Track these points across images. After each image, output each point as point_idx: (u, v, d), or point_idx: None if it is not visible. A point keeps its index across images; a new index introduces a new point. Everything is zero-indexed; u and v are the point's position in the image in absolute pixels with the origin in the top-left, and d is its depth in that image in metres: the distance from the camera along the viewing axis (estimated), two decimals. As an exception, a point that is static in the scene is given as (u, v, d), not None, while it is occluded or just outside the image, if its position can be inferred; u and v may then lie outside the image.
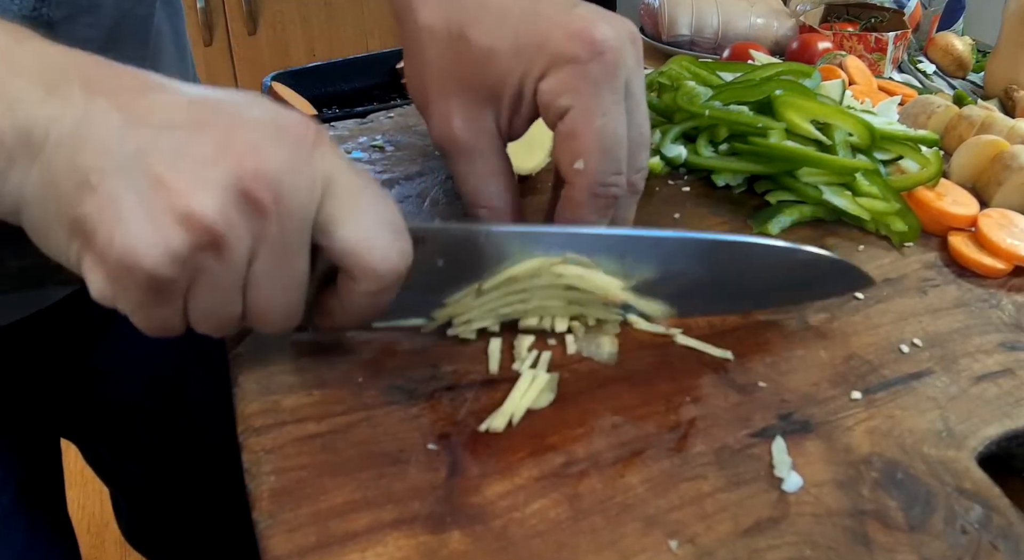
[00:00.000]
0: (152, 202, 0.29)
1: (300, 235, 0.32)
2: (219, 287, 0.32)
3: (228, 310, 0.33)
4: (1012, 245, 0.53)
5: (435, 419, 0.40)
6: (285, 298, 0.34)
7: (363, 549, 0.34)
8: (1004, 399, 0.43)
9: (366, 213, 0.34)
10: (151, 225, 0.29)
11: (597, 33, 0.39)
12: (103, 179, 0.29)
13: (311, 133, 0.32)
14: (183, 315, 0.33)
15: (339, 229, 0.33)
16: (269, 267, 0.32)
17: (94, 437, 0.73)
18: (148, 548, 0.88)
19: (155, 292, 0.31)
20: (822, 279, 0.46)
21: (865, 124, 0.59)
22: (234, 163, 0.30)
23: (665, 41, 1.05)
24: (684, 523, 0.35)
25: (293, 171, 0.31)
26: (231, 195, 0.30)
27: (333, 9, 1.86)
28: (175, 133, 0.30)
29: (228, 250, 0.30)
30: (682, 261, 0.44)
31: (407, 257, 0.35)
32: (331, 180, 0.33)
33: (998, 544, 0.35)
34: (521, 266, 0.41)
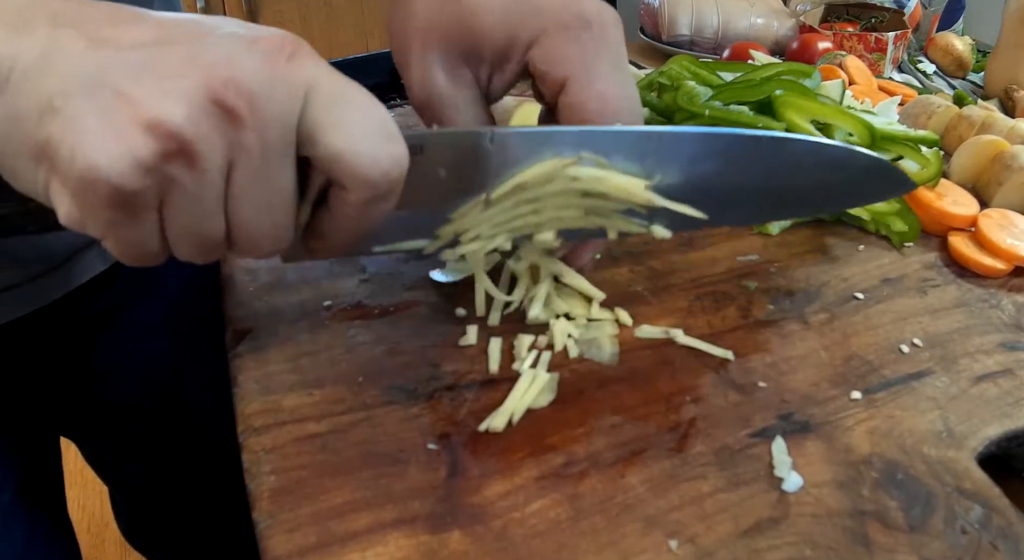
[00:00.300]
0: (115, 115, 0.28)
1: (281, 145, 0.31)
2: (196, 201, 0.30)
3: (209, 228, 0.32)
4: (1012, 245, 0.53)
5: (435, 419, 0.40)
6: (270, 215, 0.32)
7: (363, 549, 0.34)
8: (1004, 399, 0.43)
9: (353, 117, 0.32)
10: (114, 136, 0.28)
11: (585, 7, 0.40)
12: (66, 101, 0.28)
13: (288, 43, 0.31)
14: (160, 237, 0.32)
15: (324, 135, 0.31)
16: (250, 180, 0.31)
17: (93, 436, 0.73)
18: (148, 547, 0.88)
19: (123, 208, 0.29)
20: (858, 180, 0.43)
21: (865, 124, 0.59)
22: (203, 73, 0.28)
23: (665, 41, 1.05)
24: (684, 523, 0.35)
25: (269, 78, 0.29)
26: (200, 103, 0.28)
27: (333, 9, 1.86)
28: (141, 51, 0.29)
29: (200, 159, 0.29)
30: (709, 160, 0.40)
31: (401, 161, 0.33)
32: (313, 86, 0.31)
33: (998, 544, 0.35)
34: (532, 170, 0.38)
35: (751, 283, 0.51)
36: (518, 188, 0.38)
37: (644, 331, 0.46)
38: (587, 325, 0.46)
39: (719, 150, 0.40)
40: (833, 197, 0.43)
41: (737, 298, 0.49)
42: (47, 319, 0.58)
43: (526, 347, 0.44)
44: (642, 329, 0.46)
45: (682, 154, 0.40)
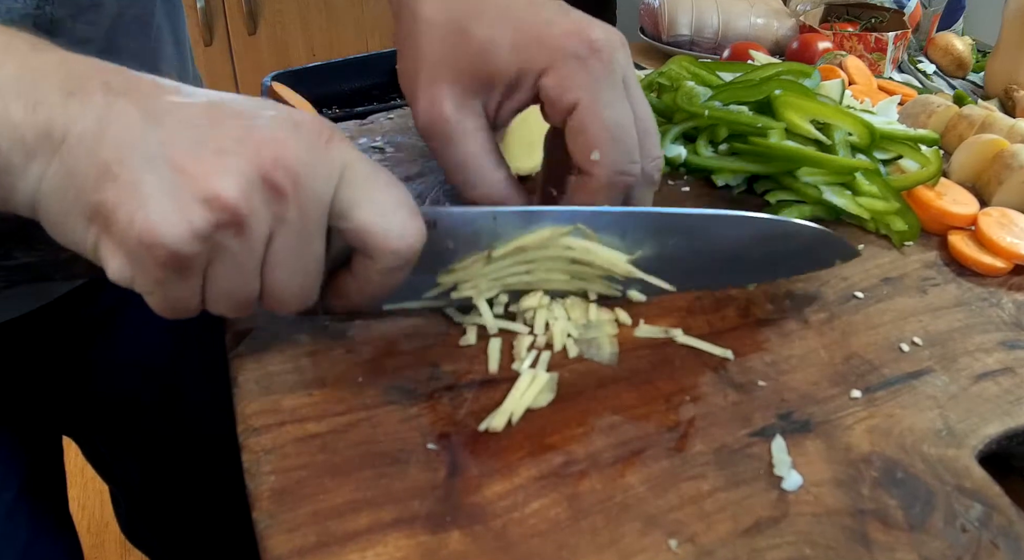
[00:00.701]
0: (174, 186, 0.31)
1: (318, 219, 0.34)
2: (239, 267, 0.34)
3: (246, 290, 0.35)
4: (1012, 244, 0.53)
5: (435, 419, 0.40)
6: (302, 278, 0.36)
7: (363, 549, 0.34)
8: (1004, 398, 0.43)
9: (382, 196, 0.36)
10: (173, 205, 0.30)
11: (593, 34, 0.42)
12: (124, 168, 0.30)
13: (326, 129, 0.35)
14: (200, 295, 0.35)
15: (358, 211, 0.35)
16: (288, 249, 0.34)
17: (94, 434, 0.74)
18: (147, 545, 0.88)
19: (175, 270, 0.32)
20: (807, 248, 0.48)
21: (865, 124, 0.59)
22: (254, 152, 0.32)
23: (665, 41, 1.05)
24: (684, 522, 0.35)
25: (311, 160, 0.33)
26: (252, 180, 0.31)
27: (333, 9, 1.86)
28: (195, 128, 0.32)
29: (248, 230, 0.32)
30: (677, 235, 0.45)
31: (423, 235, 0.37)
32: (347, 168, 0.35)
33: (998, 543, 0.35)
34: (532, 236, 0.43)
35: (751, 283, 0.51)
36: (518, 249, 0.43)
37: (643, 331, 0.46)
38: (586, 325, 0.46)
39: (686, 227, 0.46)
40: (785, 265, 0.49)
41: (737, 298, 0.49)
42: (49, 317, 0.58)
43: (526, 347, 0.44)
44: (641, 329, 0.46)
45: (656, 231, 0.45)
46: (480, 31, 0.42)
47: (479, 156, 0.44)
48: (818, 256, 0.48)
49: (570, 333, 0.45)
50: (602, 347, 0.45)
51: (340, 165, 0.35)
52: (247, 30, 1.79)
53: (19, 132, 0.30)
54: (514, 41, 0.42)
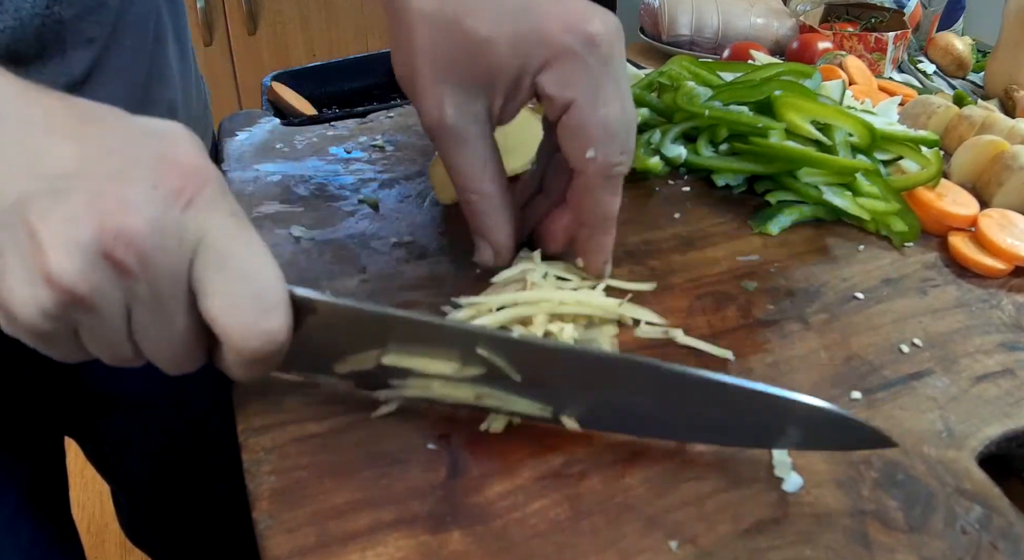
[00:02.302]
0: (27, 258, 0.29)
1: (173, 294, 0.32)
2: (102, 336, 0.32)
3: (121, 353, 0.34)
4: (1012, 245, 0.53)
5: (435, 419, 0.40)
6: (171, 348, 0.34)
7: (363, 549, 0.34)
8: (1004, 399, 0.43)
9: (230, 284, 0.32)
10: (26, 281, 0.29)
11: (591, 27, 0.41)
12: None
13: (191, 186, 0.31)
14: (83, 351, 0.34)
15: (204, 297, 0.32)
16: (147, 321, 0.32)
17: (95, 433, 0.74)
18: (149, 545, 0.88)
19: (41, 338, 0.32)
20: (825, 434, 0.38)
21: (865, 124, 0.59)
22: (98, 223, 0.29)
23: (665, 41, 1.05)
24: (684, 523, 0.35)
25: (159, 232, 0.30)
26: (92, 256, 0.29)
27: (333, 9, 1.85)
28: (55, 183, 0.30)
29: (96, 308, 0.30)
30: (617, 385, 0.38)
31: (273, 336, 0.33)
32: (202, 241, 0.31)
33: (998, 544, 0.35)
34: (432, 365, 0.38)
35: (751, 283, 0.51)
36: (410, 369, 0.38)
37: (644, 331, 0.46)
38: (587, 325, 0.46)
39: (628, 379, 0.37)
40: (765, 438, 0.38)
41: (737, 298, 0.49)
42: None
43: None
44: (642, 329, 0.46)
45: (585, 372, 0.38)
46: (478, 28, 0.41)
47: (478, 163, 0.44)
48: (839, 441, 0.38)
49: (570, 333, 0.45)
50: (602, 347, 0.45)
51: (195, 237, 0.31)
52: (247, 30, 1.79)
53: None
54: (513, 38, 0.41)
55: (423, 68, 0.42)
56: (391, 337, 0.37)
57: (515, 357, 0.37)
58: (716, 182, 0.61)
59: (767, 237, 0.56)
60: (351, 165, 0.63)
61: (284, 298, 0.33)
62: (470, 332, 0.37)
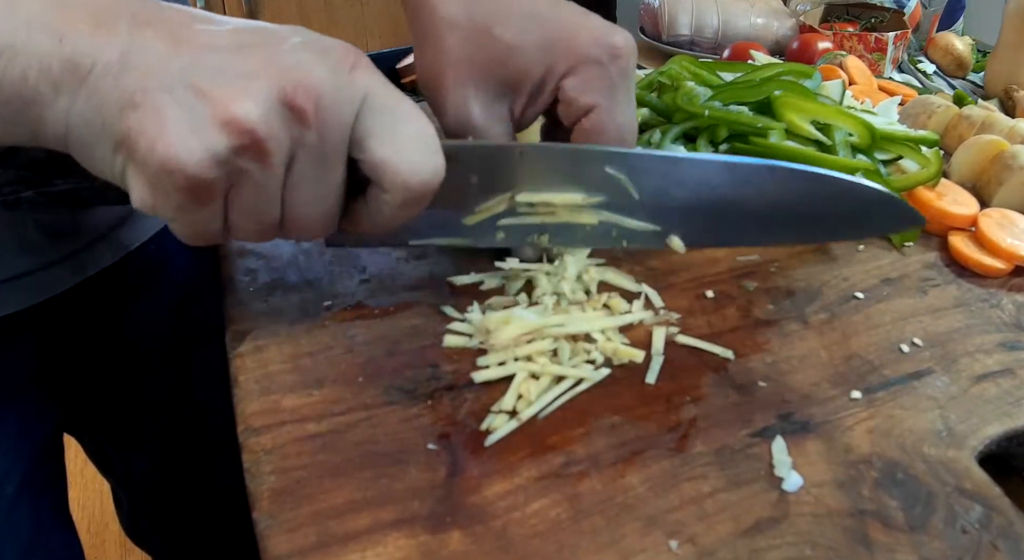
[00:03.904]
0: (195, 111, 0.31)
1: (338, 145, 0.34)
2: (260, 191, 0.34)
3: (268, 215, 0.35)
4: (1012, 245, 0.53)
5: (435, 419, 0.40)
6: (322, 204, 0.36)
7: (363, 549, 0.34)
8: (1004, 399, 0.43)
9: (400, 129, 0.35)
10: (193, 130, 0.31)
11: (615, 40, 0.43)
12: (147, 96, 0.31)
13: (351, 55, 0.34)
14: (222, 220, 0.35)
15: (374, 143, 0.35)
16: (308, 173, 0.34)
17: (96, 431, 0.74)
18: (149, 544, 0.88)
19: (195, 195, 0.32)
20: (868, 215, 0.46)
21: (865, 124, 0.59)
22: (277, 76, 0.32)
23: (665, 41, 1.05)
24: (684, 523, 0.35)
25: (334, 86, 0.33)
26: (273, 103, 0.32)
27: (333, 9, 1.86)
28: (219, 54, 0.32)
29: (269, 154, 0.32)
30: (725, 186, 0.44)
31: (439, 173, 0.36)
32: (369, 97, 0.35)
33: (998, 544, 0.35)
34: (560, 196, 0.43)
35: (751, 283, 0.51)
36: (542, 202, 0.43)
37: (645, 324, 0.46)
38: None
39: (734, 178, 0.44)
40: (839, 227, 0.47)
41: (737, 298, 0.49)
42: (54, 311, 0.58)
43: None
44: (642, 329, 0.46)
45: (693, 177, 0.44)
46: (506, 34, 0.43)
47: None
48: (877, 222, 0.46)
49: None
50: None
51: (363, 93, 0.34)
52: (247, 30, 1.79)
53: (46, 64, 0.31)
54: (541, 43, 0.43)
55: (449, 70, 0.44)
56: (523, 171, 0.42)
57: (635, 171, 0.43)
58: (716, 182, 0.61)
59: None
60: (351, 165, 0.63)
61: (439, 141, 0.37)
62: (600, 151, 0.43)
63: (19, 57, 0.31)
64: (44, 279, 0.55)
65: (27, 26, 0.31)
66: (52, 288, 0.56)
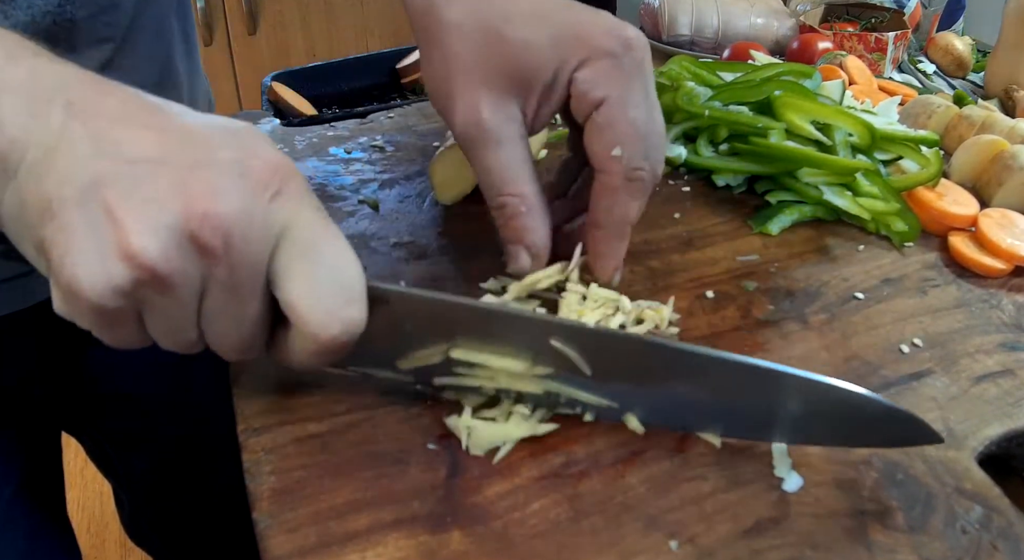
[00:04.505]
0: (101, 235, 0.29)
1: (252, 280, 0.32)
2: (169, 318, 0.33)
3: (184, 337, 0.34)
4: (1012, 245, 0.53)
5: (435, 419, 0.40)
6: (238, 333, 0.34)
7: (363, 549, 0.34)
8: (1004, 399, 0.43)
9: (316, 273, 0.33)
10: (97, 258, 0.29)
11: (627, 32, 0.42)
12: (62, 207, 0.30)
13: (277, 178, 0.32)
14: (143, 335, 0.34)
15: (285, 284, 0.33)
16: (220, 306, 0.33)
17: (97, 431, 0.74)
18: (150, 544, 0.88)
19: (103, 317, 0.32)
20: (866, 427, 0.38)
21: (865, 124, 0.59)
22: (184, 205, 0.30)
23: (665, 41, 1.05)
24: (684, 523, 0.35)
25: (247, 218, 0.31)
26: (177, 237, 0.30)
27: (333, 9, 1.85)
28: (136, 167, 0.30)
29: (173, 288, 0.31)
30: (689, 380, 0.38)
31: (351, 326, 0.34)
32: (287, 231, 0.32)
33: (998, 544, 0.35)
34: (499, 361, 0.38)
35: (751, 283, 0.51)
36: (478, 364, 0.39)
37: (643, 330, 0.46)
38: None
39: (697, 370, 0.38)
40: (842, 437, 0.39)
41: (737, 298, 0.49)
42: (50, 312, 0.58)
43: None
44: (640, 329, 0.46)
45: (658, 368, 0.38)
46: (515, 33, 0.42)
47: (515, 165, 0.43)
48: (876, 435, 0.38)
49: None
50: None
51: (280, 227, 0.32)
52: (247, 30, 1.79)
53: None
54: (553, 38, 0.42)
55: (458, 74, 0.42)
56: (461, 328, 0.38)
57: (588, 349, 0.37)
58: (716, 182, 0.61)
59: (767, 237, 0.56)
60: (351, 165, 0.63)
61: (363, 289, 0.34)
62: (545, 322, 0.38)
63: None
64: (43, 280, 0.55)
65: None
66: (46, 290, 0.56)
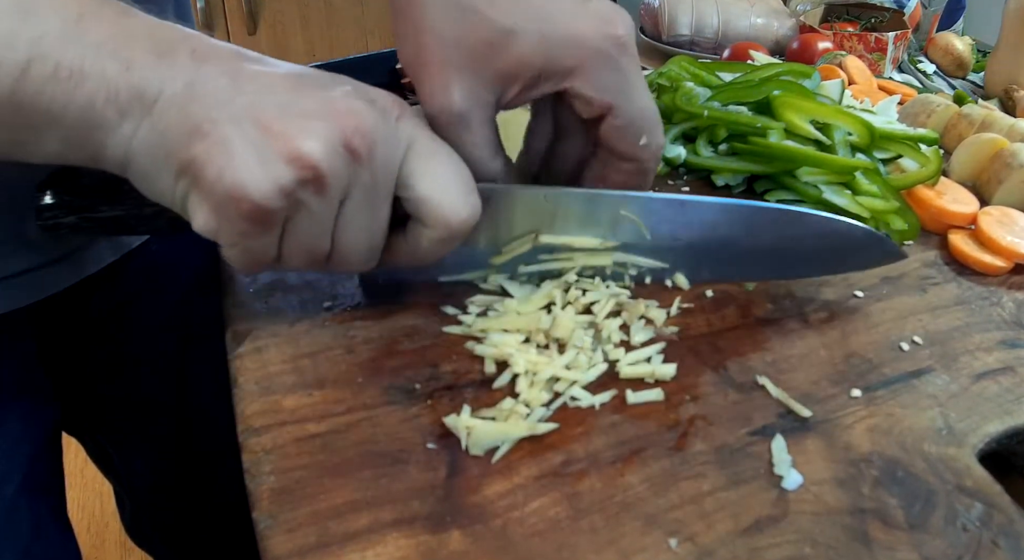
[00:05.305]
0: (261, 145, 0.33)
1: (387, 184, 0.38)
2: (316, 222, 0.36)
3: (319, 245, 0.38)
4: (1012, 243, 0.53)
5: (435, 419, 0.40)
6: (369, 238, 0.39)
7: (363, 549, 0.34)
8: (1004, 396, 0.43)
9: (443, 171, 0.39)
10: (260, 162, 0.33)
11: (617, 29, 0.43)
12: (214, 127, 0.33)
13: (396, 106, 0.38)
14: (277, 249, 0.37)
15: (419, 182, 0.38)
16: (359, 209, 0.37)
17: (98, 432, 0.74)
18: (151, 544, 0.88)
19: (258, 222, 0.35)
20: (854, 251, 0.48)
21: (864, 123, 0.59)
22: (336, 118, 0.35)
23: (665, 41, 1.05)
24: (684, 522, 0.35)
25: (384, 131, 0.36)
26: (334, 143, 0.34)
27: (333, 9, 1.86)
28: (278, 94, 0.35)
29: (328, 189, 0.35)
30: (725, 226, 0.47)
31: (477, 210, 0.40)
32: (414, 141, 0.38)
33: (999, 542, 0.35)
34: (581, 240, 0.46)
35: (751, 283, 0.51)
36: (562, 245, 0.46)
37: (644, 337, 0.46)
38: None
39: (735, 218, 0.47)
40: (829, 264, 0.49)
41: (737, 297, 0.49)
42: (54, 310, 0.58)
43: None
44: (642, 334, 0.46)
45: (702, 218, 0.47)
46: (501, 19, 0.40)
47: (479, 147, 0.43)
48: (863, 258, 0.48)
49: None
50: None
51: (408, 139, 0.38)
52: (247, 30, 1.79)
53: (114, 91, 0.32)
54: (542, 33, 0.41)
55: (433, 50, 0.41)
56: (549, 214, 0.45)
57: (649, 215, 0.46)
58: (716, 182, 0.61)
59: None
60: (351, 165, 0.63)
61: (476, 185, 0.40)
62: (616, 196, 0.46)
63: (87, 82, 0.32)
64: (44, 277, 0.55)
65: (95, 51, 0.32)
66: (52, 286, 0.56)
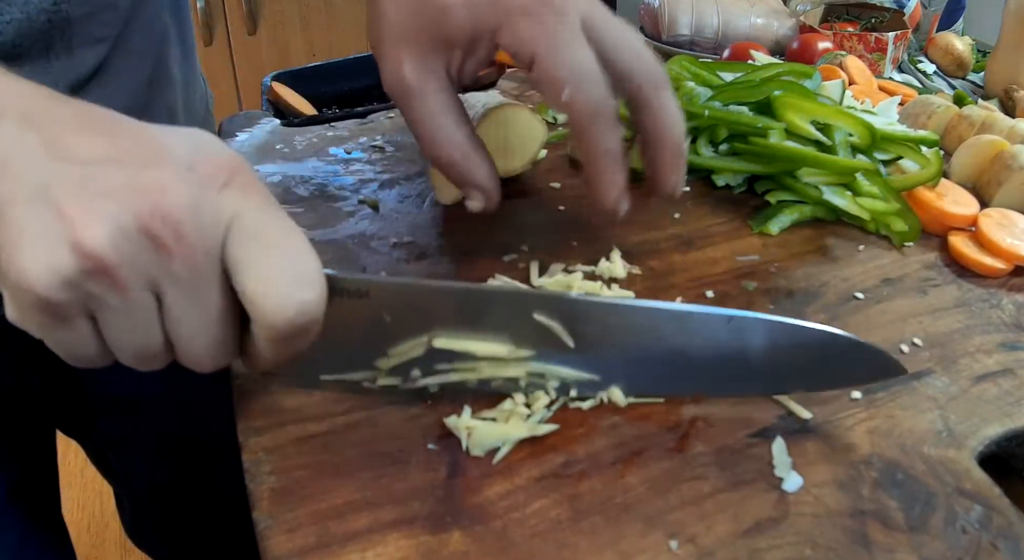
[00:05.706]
0: (52, 229, 0.30)
1: (208, 273, 0.32)
2: (125, 317, 0.32)
3: (147, 342, 0.33)
4: (1012, 245, 0.53)
5: (435, 419, 0.40)
6: (204, 336, 0.34)
7: (363, 549, 0.34)
8: (1004, 399, 0.43)
9: (267, 257, 0.33)
10: (43, 250, 0.29)
11: None
12: (11, 206, 0.30)
13: (224, 172, 0.32)
14: (98, 344, 0.33)
15: (238, 272, 0.33)
16: (181, 302, 0.32)
17: (96, 433, 0.73)
18: (151, 545, 0.88)
19: (51, 315, 0.31)
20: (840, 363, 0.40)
21: (865, 124, 0.59)
22: (133, 199, 0.30)
23: (665, 41, 1.05)
24: (684, 523, 0.35)
25: (196, 209, 0.31)
26: (126, 229, 0.30)
27: (333, 9, 1.86)
28: (87, 168, 0.30)
29: (120, 280, 0.30)
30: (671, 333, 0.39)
31: (308, 308, 0.33)
32: (236, 218, 0.32)
33: (998, 544, 0.35)
34: (481, 346, 0.39)
35: (751, 283, 0.51)
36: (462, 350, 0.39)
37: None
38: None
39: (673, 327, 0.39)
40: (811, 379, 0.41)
41: (737, 298, 0.49)
42: None
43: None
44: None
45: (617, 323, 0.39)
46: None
47: (440, 114, 0.45)
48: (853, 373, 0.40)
49: None
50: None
51: (229, 215, 0.32)
52: (247, 30, 1.79)
53: None
54: (468, 3, 0.43)
55: (387, 33, 0.45)
56: (442, 314, 0.38)
57: (570, 320, 0.38)
58: (716, 182, 0.61)
59: (767, 237, 0.56)
60: (351, 166, 0.63)
61: (319, 273, 0.34)
62: (527, 295, 0.39)
63: None
64: None
65: None
66: None
